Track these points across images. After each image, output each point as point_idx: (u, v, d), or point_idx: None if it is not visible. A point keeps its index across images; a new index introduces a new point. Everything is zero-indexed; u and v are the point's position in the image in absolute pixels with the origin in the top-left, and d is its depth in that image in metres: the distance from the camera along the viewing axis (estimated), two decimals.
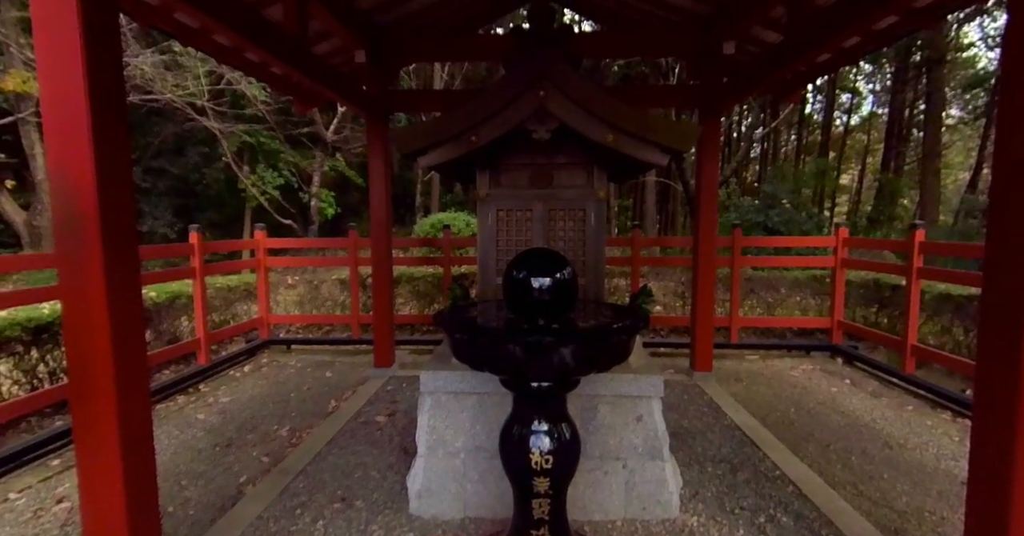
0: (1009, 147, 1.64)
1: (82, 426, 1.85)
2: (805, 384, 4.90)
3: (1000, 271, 1.67)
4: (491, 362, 1.89)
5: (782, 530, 2.55)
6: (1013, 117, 1.60)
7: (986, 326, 1.75)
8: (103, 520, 1.87)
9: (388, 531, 2.58)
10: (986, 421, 1.76)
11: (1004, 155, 1.66)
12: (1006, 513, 1.65)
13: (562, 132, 2.66)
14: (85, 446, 1.85)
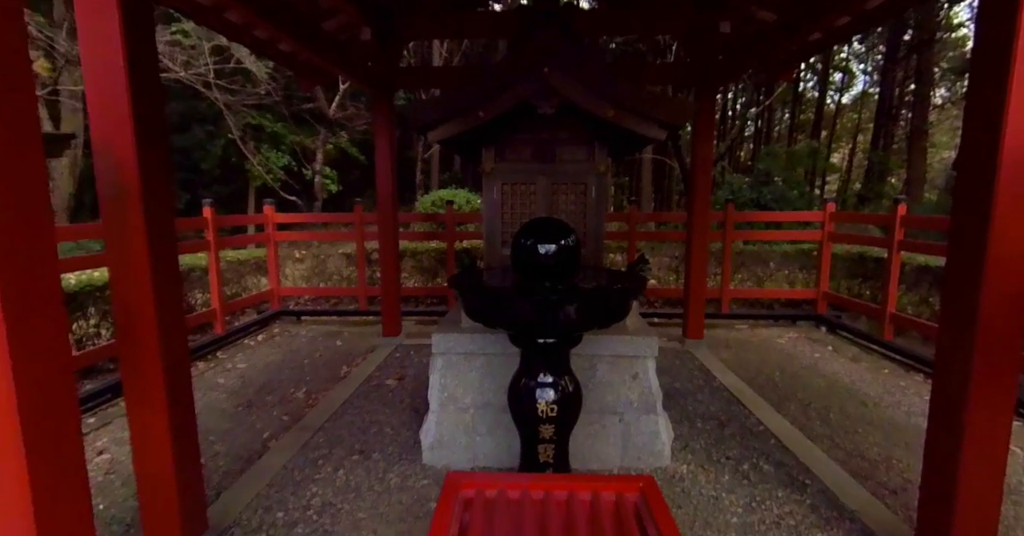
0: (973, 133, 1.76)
1: (131, 379, 1.99)
2: (790, 351, 5.10)
3: (961, 246, 1.81)
4: (502, 319, 2.03)
5: (763, 476, 2.75)
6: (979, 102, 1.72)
7: (947, 295, 1.90)
8: (153, 462, 2.02)
9: (404, 479, 2.76)
10: (944, 378, 1.93)
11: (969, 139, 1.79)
12: (957, 459, 1.83)
13: (565, 108, 2.74)
14: (135, 397, 2.00)
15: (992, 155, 1.65)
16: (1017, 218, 1.65)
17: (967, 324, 1.77)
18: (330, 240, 7.80)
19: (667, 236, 7.43)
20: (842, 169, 22.01)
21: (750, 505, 2.51)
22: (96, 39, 1.74)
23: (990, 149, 1.66)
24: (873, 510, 2.44)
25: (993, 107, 1.65)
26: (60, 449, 1.13)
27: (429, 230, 8.03)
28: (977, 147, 1.74)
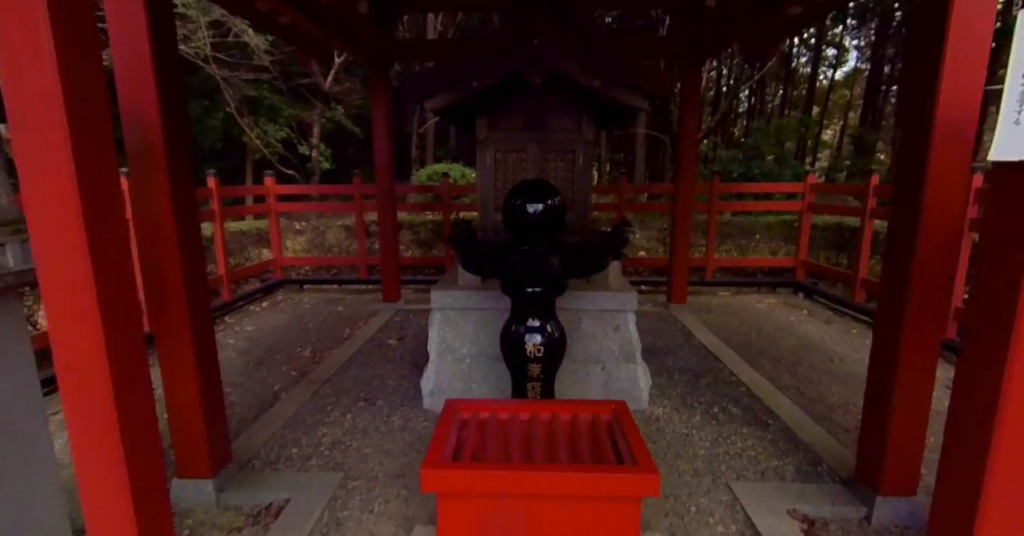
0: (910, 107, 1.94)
1: (161, 325, 2.19)
2: (768, 314, 5.36)
3: (901, 206, 2.02)
4: (495, 270, 2.24)
5: (731, 417, 3.02)
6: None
7: (889, 249, 2.11)
8: (182, 399, 2.24)
9: (406, 421, 3.01)
10: (884, 327, 2.16)
11: (906, 112, 1.97)
12: (890, 393, 2.08)
13: (554, 79, 2.90)
14: (165, 342, 2.20)
15: (926, 128, 1.83)
16: (946, 179, 1.85)
17: (905, 272, 1.99)
18: (330, 211, 7.93)
19: (655, 207, 7.62)
20: (833, 145, 22.09)
21: (717, 440, 2.77)
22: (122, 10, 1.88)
23: (925, 121, 1.83)
24: (825, 443, 2.72)
25: (926, 86, 1.82)
26: (135, 388, 1.33)
27: (425, 201, 8.17)
28: (914, 120, 1.93)
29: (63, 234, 1.12)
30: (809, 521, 2.18)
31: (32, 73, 1.06)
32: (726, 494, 2.33)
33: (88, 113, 1.15)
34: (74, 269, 1.13)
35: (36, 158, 1.09)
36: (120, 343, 1.23)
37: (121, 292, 1.26)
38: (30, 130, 1.09)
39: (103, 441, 1.21)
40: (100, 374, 1.18)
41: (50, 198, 1.11)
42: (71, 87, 1.08)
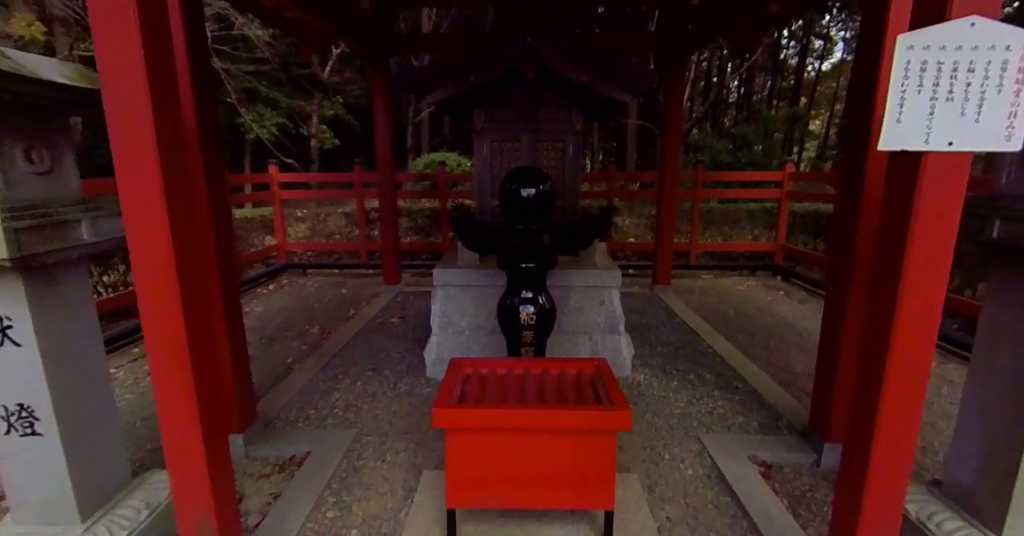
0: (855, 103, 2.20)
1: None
2: (747, 295, 5.67)
3: (847, 191, 2.29)
4: (493, 247, 2.50)
5: (705, 383, 3.32)
6: None
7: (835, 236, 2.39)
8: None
9: (411, 387, 3.29)
10: (832, 298, 2.45)
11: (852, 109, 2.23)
12: (837, 355, 2.37)
13: (546, 74, 3.13)
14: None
15: (867, 120, 2.09)
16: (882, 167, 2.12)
17: (848, 250, 2.27)
18: (331, 199, 8.13)
19: (643, 195, 7.86)
20: (820, 135, 22.38)
21: (690, 401, 3.08)
22: None
23: (866, 115, 2.10)
24: (786, 403, 3.02)
25: (868, 88, 2.08)
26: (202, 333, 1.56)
27: (422, 189, 8.37)
28: (858, 114, 2.19)
29: (150, 207, 1.37)
30: (767, 465, 2.49)
31: (128, 79, 1.30)
32: (696, 444, 2.64)
33: (167, 106, 1.40)
34: (158, 236, 1.38)
35: (128, 143, 1.34)
36: (192, 297, 1.48)
37: (193, 256, 1.51)
38: (125, 122, 1.33)
39: (179, 378, 1.46)
40: (176, 322, 1.43)
41: (140, 177, 1.35)
42: (156, 86, 1.33)
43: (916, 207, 1.25)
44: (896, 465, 1.46)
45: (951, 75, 1.18)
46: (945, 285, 1.32)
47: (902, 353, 1.36)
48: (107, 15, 1.27)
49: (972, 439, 1.82)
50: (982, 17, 1.15)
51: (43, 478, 1.75)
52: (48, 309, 1.68)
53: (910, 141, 1.21)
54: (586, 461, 1.79)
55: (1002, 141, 1.19)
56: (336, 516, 2.15)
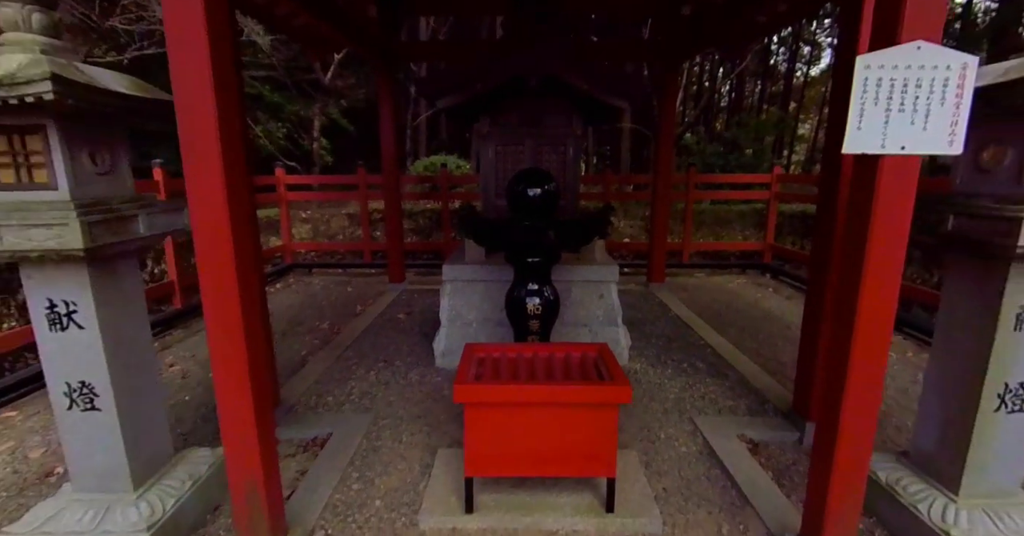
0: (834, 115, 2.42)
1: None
2: (737, 292, 5.89)
3: (826, 194, 2.51)
4: (501, 243, 2.69)
5: (697, 370, 3.52)
6: None
7: (816, 234, 2.60)
8: None
9: (422, 376, 3.47)
10: (813, 291, 2.66)
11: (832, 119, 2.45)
12: (817, 341, 2.58)
13: (548, 82, 3.33)
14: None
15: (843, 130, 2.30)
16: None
17: (828, 247, 2.48)
18: (335, 200, 8.29)
19: (638, 196, 8.08)
20: (809, 139, 22.75)
21: (685, 387, 3.28)
22: None
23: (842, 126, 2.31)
24: (772, 389, 3.23)
25: (844, 101, 2.29)
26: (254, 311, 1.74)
27: (423, 191, 8.56)
28: (835, 126, 2.40)
29: (214, 203, 1.55)
30: (754, 443, 2.69)
31: (198, 92, 1.49)
32: (689, 425, 2.84)
33: (230, 114, 1.59)
34: (220, 226, 1.57)
35: (197, 146, 1.52)
36: (247, 280, 1.67)
37: (247, 244, 1.69)
38: (193, 126, 1.52)
39: (235, 359, 1.64)
40: (233, 301, 1.62)
41: (206, 176, 1.54)
42: (221, 103, 1.51)
43: (876, 200, 1.46)
44: (859, 437, 1.66)
45: (902, 90, 1.38)
46: (901, 267, 1.52)
47: (865, 331, 1.56)
48: (183, 43, 1.45)
49: (933, 414, 2.03)
50: (927, 42, 1.36)
51: (101, 450, 1.93)
52: (107, 296, 1.86)
53: (869, 145, 1.42)
54: (590, 433, 1.98)
55: (946, 145, 1.40)
56: (360, 488, 2.33)
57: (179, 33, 1.46)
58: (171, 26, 1.47)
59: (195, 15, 1.45)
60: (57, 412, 1.90)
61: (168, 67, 1.49)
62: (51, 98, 1.46)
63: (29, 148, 1.67)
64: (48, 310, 1.80)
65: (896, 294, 1.54)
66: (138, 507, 1.92)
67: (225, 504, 2.23)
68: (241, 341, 1.64)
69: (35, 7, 1.65)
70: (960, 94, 1.37)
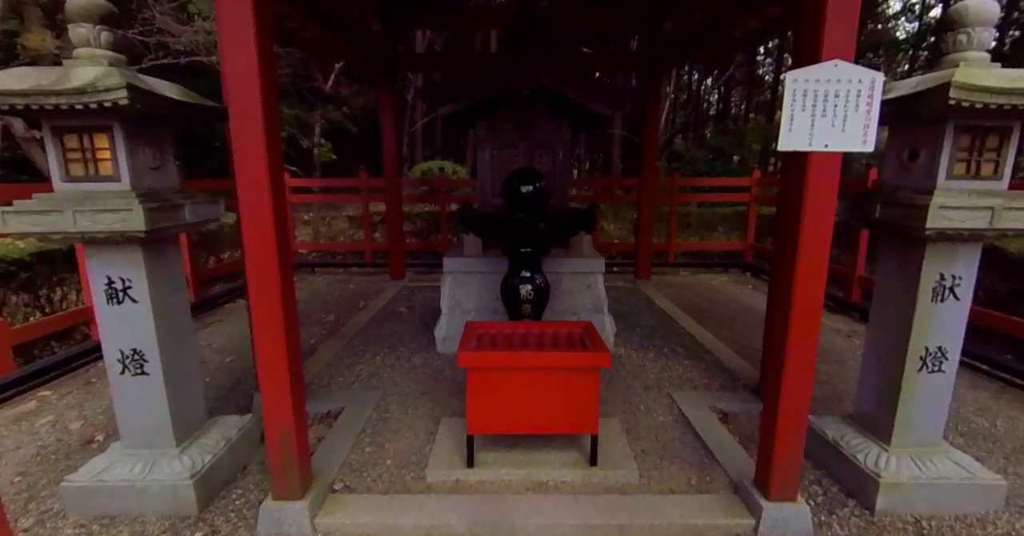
0: None
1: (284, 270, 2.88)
2: (719, 288, 6.21)
3: (788, 195, 2.81)
4: (497, 235, 2.99)
5: (677, 355, 3.82)
6: None
7: (780, 229, 2.91)
8: None
9: (424, 360, 3.75)
10: (777, 282, 2.95)
11: None
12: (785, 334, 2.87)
13: (539, 92, 3.64)
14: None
15: None
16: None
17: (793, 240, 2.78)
18: (336, 203, 8.57)
19: (625, 199, 8.40)
20: None
21: (664, 368, 3.57)
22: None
23: None
24: (744, 369, 3.53)
25: None
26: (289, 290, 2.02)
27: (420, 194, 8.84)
28: None
29: (260, 198, 1.84)
30: (724, 414, 2.98)
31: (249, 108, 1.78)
32: (667, 399, 3.13)
33: (272, 121, 1.88)
34: (263, 217, 1.85)
35: (247, 148, 1.81)
36: (284, 264, 1.95)
37: (284, 229, 1.97)
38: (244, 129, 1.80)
39: (273, 324, 1.92)
40: (274, 273, 1.90)
41: (254, 173, 1.82)
42: (266, 98, 1.81)
43: (807, 188, 1.77)
44: (798, 395, 1.95)
45: (824, 99, 1.70)
46: (829, 241, 1.83)
47: (802, 297, 1.87)
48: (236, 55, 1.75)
49: (870, 378, 2.34)
50: (842, 60, 1.67)
51: (148, 410, 2.19)
52: (157, 274, 2.13)
53: (799, 144, 1.73)
54: (576, 395, 2.27)
55: (860, 144, 1.71)
56: (373, 451, 2.60)
57: (234, 50, 1.75)
58: (226, 46, 1.76)
59: (247, 36, 1.74)
60: (111, 376, 2.17)
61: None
62: (125, 103, 1.74)
63: (96, 145, 1.95)
64: (107, 286, 2.07)
65: (825, 265, 1.85)
66: (181, 460, 2.19)
67: (253, 464, 2.50)
68: (278, 304, 1.92)
69: (104, 26, 1.94)
70: (870, 102, 1.69)
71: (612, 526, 2.02)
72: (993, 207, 1.87)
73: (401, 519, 2.05)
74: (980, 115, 1.83)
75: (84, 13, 1.90)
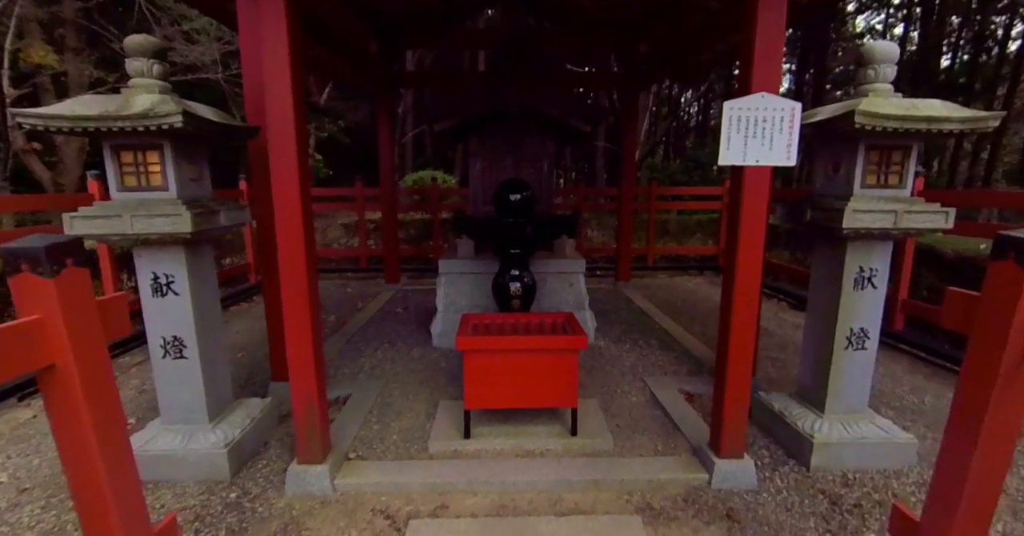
0: None
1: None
2: (694, 289, 6.62)
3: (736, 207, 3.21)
4: (490, 237, 3.34)
5: (651, 346, 4.20)
6: None
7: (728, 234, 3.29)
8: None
9: (422, 353, 4.07)
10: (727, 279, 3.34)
11: None
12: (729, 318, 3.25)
13: (525, 110, 4.02)
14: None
15: None
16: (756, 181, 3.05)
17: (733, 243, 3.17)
18: (332, 211, 8.85)
19: (606, 207, 8.80)
20: None
21: (639, 357, 3.94)
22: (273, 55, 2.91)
23: None
24: (710, 358, 3.89)
25: None
26: (313, 281, 2.34)
27: (412, 202, 9.17)
28: None
29: (292, 207, 2.17)
30: (690, 394, 3.35)
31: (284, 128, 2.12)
32: (640, 383, 3.49)
33: (302, 137, 2.21)
34: (294, 224, 2.18)
35: (281, 161, 2.14)
36: (310, 261, 2.28)
37: (311, 236, 2.31)
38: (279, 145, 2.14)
39: (300, 310, 2.25)
40: (302, 265, 2.23)
41: (288, 182, 2.15)
42: (297, 118, 2.15)
43: (743, 195, 2.16)
44: (742, 370, 2.32)
45: (754, 123, 2.08)
46: (763, 239, 2.21)
47: (740, 292, 2.25)
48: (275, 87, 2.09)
49: (808, 356, 2.73)
50: (768, 93, 2.07)
51: (186, 390, 2.49)
52: (195, 270, 2.45)
53: (735, 159, 2.11)
54: (558, 373, 2.61)
55: (784, 159, 2.10)
56: (380, 428, 2.92)
57: (273, 75, 2.09)
58: (269, 71, 2.10)
59: (283, 62, 2.08)
60: (154, 361, 2.47)
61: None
62: (180, 126, 2.07)
63: (148, 161, 2.27)
64: (152, 281, 2.38)
65: (760, 257, 2.23)
66: (215, 433, 2.49)
67: (273, 440, 2.80)
68: (305, 293, 2.24)
69: (155, 60, 2.27)
70: (791, 126, 2.08)
71: (588, 481, 2.36)
72: (896, 210, 2.27)
73: (409, 478, 2.37)
74: (884, 136, 2.24)
75: (140, 49, 2.23)
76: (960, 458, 1.26)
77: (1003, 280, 1.16)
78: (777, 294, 6.16)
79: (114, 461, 1.23)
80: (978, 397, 1.21)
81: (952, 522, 1.29)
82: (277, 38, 2.07)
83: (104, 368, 1.22)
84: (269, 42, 2.08)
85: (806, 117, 2.43)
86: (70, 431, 1.17)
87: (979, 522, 1.29)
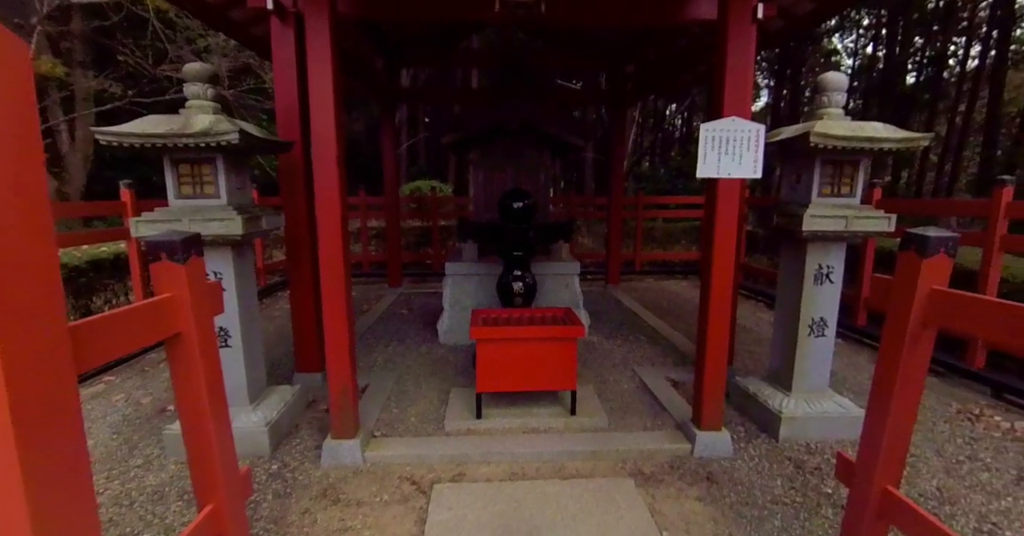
0: None
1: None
2: (679, 292, 7.00)
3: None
4: (495, 240, 3.67)
5: (640, 341, 4.54)
6: None
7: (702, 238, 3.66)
8: (306, 324, 3.53)
9: (430, 349, 4.37)
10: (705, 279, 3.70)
11: None
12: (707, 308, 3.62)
13: (524, 125, 4.37)
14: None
15: None
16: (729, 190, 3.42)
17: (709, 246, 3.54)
18: None
19: (596, 215, 9.19)
20: None
21: (630, 351, 4.28)
22: (320, 84, 3.23)
23: None
24: (692, 351, 4.22)
25: None
26: (347, 278, 2.65)
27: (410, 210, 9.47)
28: None
29: (333, 214, 2.48)
30: (675, 382, 3.69)
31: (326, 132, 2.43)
32: (631, 372, 3.83)
33: (340, 147, 2.53)
34: (334, 228, 2.49)
35: (323, 174, 2.46)
36: (345, 254, 2.59)
37: (347, 238, 2.61)
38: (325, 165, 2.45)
39: (338, 302, 2.55)
40: (339, 264, 2.53)
41: (329, 188, 2.46)
42: (338, 136, 2.46)
43: (717, 204, 2.52)
44: (718, 353, 2.66)
45: (726, 142, 2.45)
46: (735, 242, 2.57)
47: (716, 289, 2.60)
48: (320, 100, 2.41)
49: (778, 343, 3.08)
50: (738, 117, 2.43)
51: (229, 376, 2.75)
52: (240, 268, 2.74)
53: (710, 173, 2.47)
54: (559, 359, 2.94)
55: (752, 172, 2.46)
56: (398, 412, 3.21)
57: (319, 91, 2.42)
58: (314, 87, 2.42)
59: (327, 82, 2.41)
60: None
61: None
62: (236, 143, 2.38)
63: (203, 172, 2.58)
64: None
65: (732, 257, 2.59)
66: (256, 413, 2.77)
67: (303, 423, 3.08)
68: (342, 293, 2.54)
69: (209, 85, 2.58)
70: (757, 144, 2.45)
71: (587, 452, 2.68)
72: (847, 216, 2.64)
73: (430, 451, 2.67)
74: (836, 153, 2.62)
75: (197, 75, 2.55)
76: (882, 405, 1.61)
77: (907, 267, 1.51)
78: (756, 296, 6.56)
79: (217, 410, 1.53)
80: (892, 357, 1.56)
81: (877, 460, 1.63)
82: (323, 71, 2.40)
83: (213, 337, 1.53)
84: (316, 77, 2.40)
85: (772, 136, 2.81)
86: (190, 386, 1.47)
87: (897, 456, 1.63)
